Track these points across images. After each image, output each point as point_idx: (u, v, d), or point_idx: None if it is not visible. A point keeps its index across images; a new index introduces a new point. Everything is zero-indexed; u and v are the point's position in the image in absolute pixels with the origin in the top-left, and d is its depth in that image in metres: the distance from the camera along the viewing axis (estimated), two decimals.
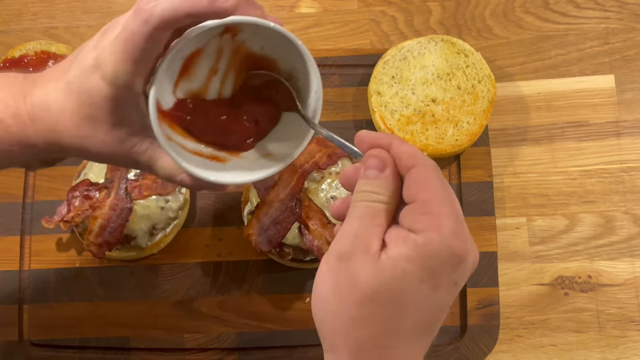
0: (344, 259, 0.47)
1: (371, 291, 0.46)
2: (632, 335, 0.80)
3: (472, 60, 0.84)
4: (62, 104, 0.54)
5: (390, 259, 0.46)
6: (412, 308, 0.46)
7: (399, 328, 0.47)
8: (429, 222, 0.46)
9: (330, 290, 0.48)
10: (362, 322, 0.47)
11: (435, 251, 0.45)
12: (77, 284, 0.84)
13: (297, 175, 0.76)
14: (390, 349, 0.47)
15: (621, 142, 0.85)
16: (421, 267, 0.46)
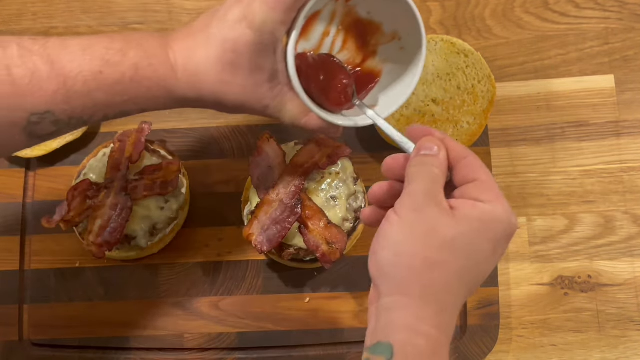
0: (419, 210, 0.53)
1: (450, 238, 0.52)
2: (632, 335, 0.80)
3: (472, 61, 0.84)
4: (206, 53, 0.61)
5: (465, 217, 0.53)
6: (477, 263, 0.53)
7: (463, 279, 0.53)
8: (493, 196, 0.53)
9: (406, 235, 0.53)
10: (439, 266, 0.52)
11: (500, 219, 0.53)
12: (77, 284, 0.84)
13: (297, 175, 0.76)
14: (454, 296, 0.53)
15: (621, 142, 0.85)
16: (489, 229, 0.53)
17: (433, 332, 0.52)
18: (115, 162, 0.80)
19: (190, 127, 0.88)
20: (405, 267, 0.53)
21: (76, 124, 0.61)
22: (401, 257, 0.53)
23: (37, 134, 0.60)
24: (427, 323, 0.52)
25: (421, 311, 0.52)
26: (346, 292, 0.82)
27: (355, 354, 0.81)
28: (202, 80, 0.62)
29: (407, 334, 0.51)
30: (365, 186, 0.83)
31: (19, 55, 0.57)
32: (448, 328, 0.53)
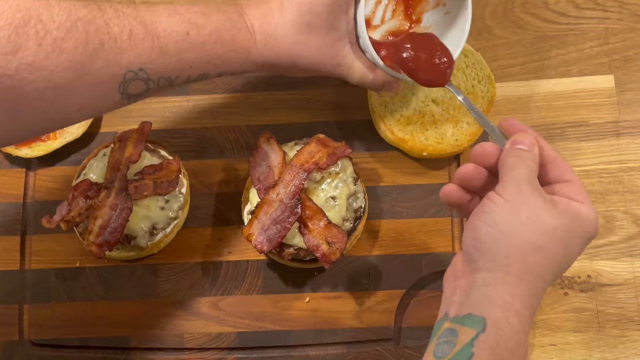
0: (525, 196, 0.57)
1: (552, 227, 0.56)
2: (632, 335, 0.80)
3: (472, 61, 0.84)
4: (282, 17, 0.68)
5: (566, 210, 0.57)
6: (568, 254, 0.57)
7: (555, 268, 0.57)
8: (585, 198, 0.58)
9: (512, 216, 0.56)
10: (541, 250, 0.56)
11: (591, 220, 0.58)
12: (77, 283, 0.84)
13: (297, 175, 0.76)
14: (544, 282, 0.56)
15: (621, 142, 0.85)
16: (582, 226, 0.57)
17: (525, 312, 0.54)
18: (115, 162, 0.81)
19: (190, 127, 0.88)
20: (508, 246, 0.56)
21: (163, 84, 0.65)
22: (505, 236, 0.56)
23: (129, 92, 0.63)
24: (522, 302, 0.55)
25: (518, 290, 0.55)
26: (346, 292, 0.82)
27: (355, 353, 0.81)
28: (279, 41, 0.68)
29: (502, 311, 0.54)
30: (365, 186, 0.83)
31: (115, 15, 0.61)
32: (534, 310, 0.56)
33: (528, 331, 0.55)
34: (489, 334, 0.53)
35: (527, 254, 0.55)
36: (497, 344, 0.53)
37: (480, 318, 0.54)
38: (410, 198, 0.84)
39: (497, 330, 0.53)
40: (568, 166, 0.60)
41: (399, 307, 0.81)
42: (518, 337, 0.54)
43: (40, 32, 0.56)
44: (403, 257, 0.83)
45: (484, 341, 0.53)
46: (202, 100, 0.89)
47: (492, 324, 0.53)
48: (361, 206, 0.80)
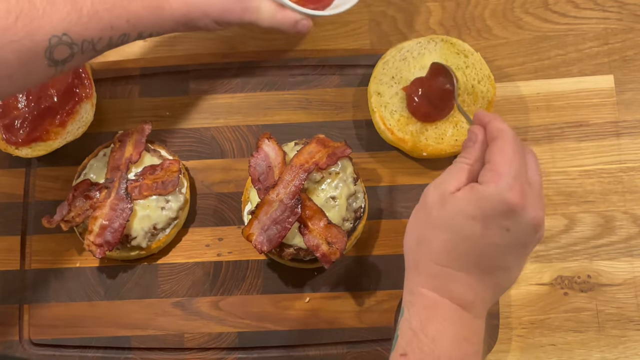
0: (424, 198, 0.62)
1: (434, 217, 0.60)
2: (632, 335, 0.81)
3: (472, 61, 0.84)
4: None
5: (454, 197, 0.59)
6: (463, 238, 0.59)
7: (452, 251, 0.59)
8: (492, 176, 0.58)
9: (412, 219, 0.63)
10: (424, 240, 0.61)
11: (489, 196, 0.57)
12: (77, 283, 0.84)
13: (297, 175, 0.76)
14: (445, 267, 0.60)
15: (620, 142, 0.85)
16: (474, 206, 0.58)
17: (428, 292, 0.60)
18: (115, 162, 0.81)
19: (190, 127, 0.88)
20: (407, 246, 0.63)
21: (87, 49, 0.68)
22: (406, 236, 0.64)
23: (55, 58, 0.66)
24: (423, 286, 0.61)
25: (417, 278, 0.62)
26: (346, 292, 0.82)
27: (355, 353, 0.81)
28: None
29: (409, 296, 0.62)
30: (365, 186, 0.83)
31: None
32: (448, 292, 0.60)
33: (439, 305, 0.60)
34: (404, 316, 0.61)
35: (415, 248, 0.62)
36: (410, 323, 0.60)
37: (402, 307, 0.62)
38: (410, 198, 0.84)
39: (408, 311, 0.61)
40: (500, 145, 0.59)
41: (399, 307, 0.81)
42: (426, 313, 0.60)
43: None
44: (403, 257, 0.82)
45: (403, 323, 0.61)
46: (202, 100, 0.89)
47: (405, 308, 0.62)
48: (361, 206, 0.80)
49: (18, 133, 0.84)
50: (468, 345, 0.60)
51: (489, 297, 0.61)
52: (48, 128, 0.84)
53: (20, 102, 0.84)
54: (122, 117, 0.88)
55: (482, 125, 0.62)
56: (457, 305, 0.60)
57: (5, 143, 0.85)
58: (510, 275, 0.62)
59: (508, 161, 0.58)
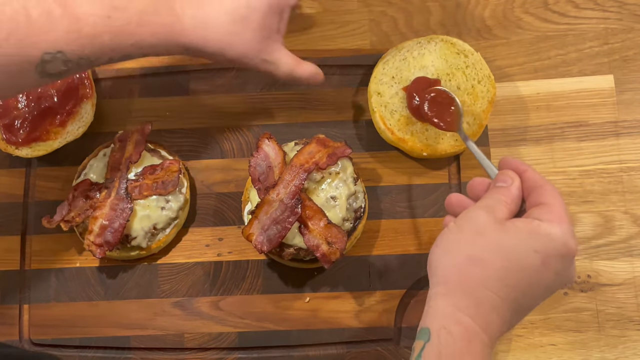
0: (473, 218, 0.59)
1: (494, 240, 0.57)
2: (632, 335, 0.81)
3: (472, 61, 0.84)
4: (219, 5, 0.69)
5: (515, 227, 0.58)
6: (520, 268, 0.57)
7: (505, 279, 0.57)
8: (555, 217, 0.57)
9: (456, 235, 0.60)
10: (479, 262, 0.57)
11: (553, 236, 0.57)
12: (77, 283, 0.84)
13: (297, 175, 0.76)
14: (493, 293, 0.57)
15: (620, 142, 0.85)
16: (538, 241, 0.57)
17: (468, 321, 0.56)
18: (115, 162, 0.81)
19: (190, 127, 0.88)
20: (449, 262, 0.59)
21: (84, 65, 0.65)
22: (448, 253, 0.59)
23: (48, 72, 0.64)
24: (464, 312, 0.57)
25: (459, 301, 0.57)
26: (346, 292, 0.82)
27: (355, 353, 0.81)
28: (211, 29, 0.69)
29: (443, 320, 0.57)
30: (365, 186, 0.83)
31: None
32: (486, 323, 0.57)
33: (476, 339, 0.56)
34: (432, 343, 0.56)
35: (464, 267, 0.58)
36: (440, 352, 0.55)
37: (426, 329, 0.57)
38: (410, 198, 0.84)
39: (439, 338, 0.56)
40: (551, 191, 0.60)
41: (399, 307, 0.81)
42: (461, 345, 0.56)
43: None
44: (403, 257, 0.83)
45: (429, 350, 0.56)
46: (203, 100, 0.89)
47: (435, 333, 0.56)
48: (361, 206, 0.80)
49: (18, 133, 0.84)
50: None
51: (502, 335, 0.60)
52: (48, 128, 0.84)
53: (20, 102, 0.84)
54: (122, 117, 0.88)
55: (515, 171, 0.62)
56: (488, 339, 0.57)
57: (5, 143, 0.85)
58: (523, 317, 0.61)
59: (565, 209, 0.59)
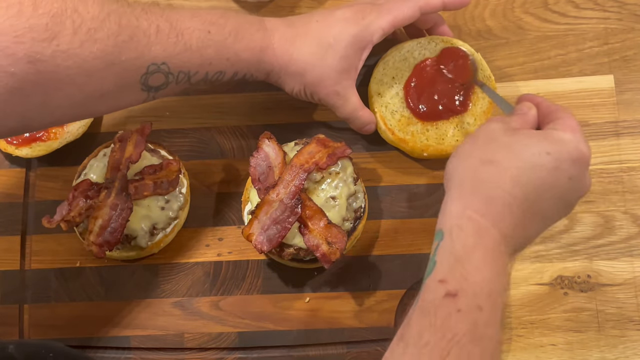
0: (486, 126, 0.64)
1: (506, 143, 0.60)
2: (632, 335, 0.81)
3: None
4: (307, 30, 0.75)
5: (527, 132, 0.62)
6: (532, 167, 0.59)
7: (517, 178, 0.59)
8: (567, 127, 0.61)
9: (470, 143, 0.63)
10: (491, 163, 0.60)
11: (565, 141, 0.60)
12: (77, 283, 0.84)
13: (297, 175, 0.76)
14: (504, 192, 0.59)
15: (620, 142, 0.85)
16: (551, 144, 0.60)
17: (478, 218, 0.58)
18: (115, 162, 0.81)
19: (190, 127, 0.88)
20: (462, 167, 0.62)
21: (182, 80, 0.70)
22: (462, 159, 0.63)
23: (149, 84, 0.67)
24: (474, 210, 0.59)
25: (470, 201, 0.59)
26: (346, 292, 0.82)
27: (355, 353, 0.81)
28: (296, 47, 0.75)
29: (455, 219, 0.59)
30: (365, 186, 0.83)
31: (144, 12, 0.65)
32: (497, 219, 0.59)
33: (486, 234, 0.58)
34: (445, 241, 0.58)
35: (477, 169, 0.61)
36: (453, 248, 0.57)
37: (440, 230, 0.59)
38: (410, 198, 0.84)
39: (451, 236, 0.58)
40: (563, 110, 0.64)
41: (399, 307, 0.81)
42: (473, 240, 0.57)
43: (76, 21, 0.59)
44: (403, 257, 0.83)
45: (442, 248, 0.58)
46: (202, 100, 0.89)
47: (447, 232, 0.58)
48: (361, 206, 0.80)
49: None
50: (503, 281, 0.58)
51: (520, 242, 0.61)
52: (48, 128, 0.84)
53: None
54: (122, 117, 0.88)
55: (531, 102, 0.66)
56: (500, 236, 0.58)
57: (5, 143, 0.85)
58: (542, 227, 0.63)
59: (578, 123, 0.62)
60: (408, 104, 0.82)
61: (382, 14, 0.76)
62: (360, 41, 0.75)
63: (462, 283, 0.56)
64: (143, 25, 0.64)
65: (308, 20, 0.76)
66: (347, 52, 0.75)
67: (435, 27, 0.84)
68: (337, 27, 0.75)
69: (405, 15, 0.76)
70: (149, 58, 0.65)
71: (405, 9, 0.76)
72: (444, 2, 0.78)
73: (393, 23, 0.76)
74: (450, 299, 0.55)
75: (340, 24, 0.75)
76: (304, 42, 0.75)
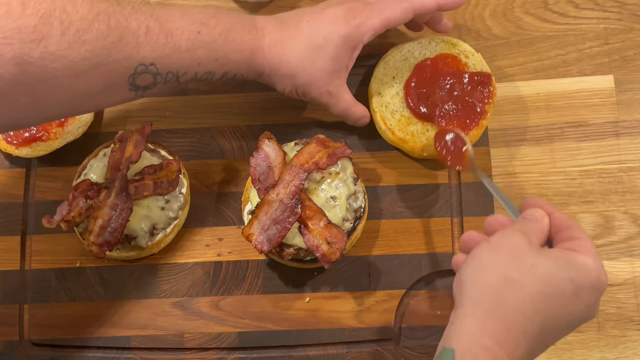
0: (508, 239, 0.58)
1: (531, 263, 0.56)
2: (632, 335, 0.81)
3: (472, 61, 0.84)
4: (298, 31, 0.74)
5: (552, 253, 0.57)
6: (555, 294, 0.56)
7: (538, 303, 0.55)
8: (589, 251, 0.57)
9: (491, 253, 0.58)
10: (514, 284, 0.56)
11: (587, 267, 0.56)
12: (77, 283, 0.84)
13: (297, 175, 0.76)
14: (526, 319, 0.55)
15: (620, 142, 0.85)
16: (574, 270, 0.56)
17: (495, 347, 0.54)
18: (115, 162, 0.81)
19: (190, 127, 0.88)
20: (482, 281, 0.57)
21: (170, 80, 0.69)
22: (481, 272, 0.58)
23: (137, 84, 0.67)
24: (491, 337, 0.54)
25: (487, 324, 0.55)
26: (346, 292, 0.82)
27: (355, 353, 0.81)
28: (287, 49, 0.74)
29: (469, 342, 0.54)
30: (365, 186, 0.83)
31: (133, 11, 0.64)
32: (513, 348, 0.55)
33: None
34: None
35: (498, 288, 0.56)
36: None
37: (450, 350, 0.55)
38: (410, 198, 0.84)
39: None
40: (580, 228, 0.60)
41: (399, 307, 0.81)
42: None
43: (65, 22, 0.59)
44: (403, 257, 0.83)
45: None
46: (202, 100, 0.89)
47: (459, 355, 0.54)
48: (361, 206, 0.80)
49: (18, 133, 0.84)
50: None
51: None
52: (48, 128, 0.84)
53: None
54: (122, 117, 0.88)
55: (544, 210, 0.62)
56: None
57: (5, 143, 0.85)
58: (544, 349, 0.59)
59: (594, 247, 0.59)
60: (408, 104, 0.82)
61: (374, 14, 0.75)
62: (350, 41, 0.75)
63: None
64: (132, 25, 0.64)
65: (299, 20, 0.76)
66: (337, 53, 0.75)
67: (433, 21, 0.82)
68: (327, 28, 0.74)
69: (397, 17, 0.76)
70: (137, 59, 0.65)
71: (398, 11, 0.76)
72: (439, 3, 0.77)
73: (385, 24, 0.75)
74: None
75: (331, 24, 0.75)
76: (294, 44, 0.74)
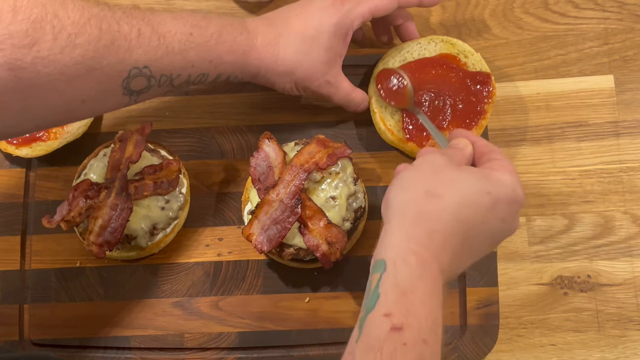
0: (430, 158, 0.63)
1: (450, 178, 0.61)
2: (632, 335, 0.81)
3: (472, 61, 0.84)
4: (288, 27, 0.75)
5: (470, 169, 0.62)
6: (472, 205, 0.60)
7: (457, 213, 0.59)
8: (505, 169, 0.62)
9: (413, 173, 0.63)
10: (434, 197, 0.60)
11: (503, 182, 0.61)
12: (77, 283, 0.84)
13: (297, 175, 0.76)
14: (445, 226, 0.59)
15: (620, 142, 0.85)
16: (491, 184, 0.60)
17: (422, 251, 0.58)
18: (115, 162, 0.81)
19: (190, 127, 0.88)
20: (405, 197, 0.61)
21: (164, 83, 0.69)
22: (404, 189, 0.62)
23: (131, 88, 0.67)
24: (417, 243, 0.58)
25: (412, 232, 0.59)
26: (346, 291, 0.82)
27: None
28: (281, 47, 0.75)
29: (398, 250, 0.58)
30: (365, 186, 0.83)
31: (125, 16, 0.64)
32: (437, 253, 0.58)
33: (429, 268, 0.57)
34: (389, 272, 0.57)
35: (420, 201, 0.60)
36: (397, 280, 0.56)
37: (382, 261, 0.58)
38: None
39: (395, 267, 0.57)
40: (499, 151, 0.65)
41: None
42: (417, 273, 0.57)
43: (56, 27, 0.59)
44: None
45: (386, 280, 0.57)
46: (202, 100, 0.89)
47: (391, 263, 0.57)
48: (361, 206, 0.80)
49: None
50: (442, 314, 0.58)
51: (452, 275, 0.62)
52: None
53: None
54: (122, 117, 0.88)
55: (469, 140, 0.67)
56: (439, 269, 0.58)
57: (5, 143, 0.85)
58: (470, 261, 0.63)
59: (513, 166, 0.63)
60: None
61: (362, 1, 0.76)
62: (341, 28, 0.76)
63: (407, 316, 0.55)
64: (124, 29, 0.64)
65: (287, 16, 0.76)
66: (331, 43, 0.76)
67: (403, 25, 0.84)
68: (317, 19, 0.75)
69: (384, 4, 0.77)
70: (130, 62, 0.65)
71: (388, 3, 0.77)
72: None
73: (372, 11, 0.76)
74: (395, 332, 0.54)
75: (320, 14, 0.76)
76: (288, 40, 0.75)
